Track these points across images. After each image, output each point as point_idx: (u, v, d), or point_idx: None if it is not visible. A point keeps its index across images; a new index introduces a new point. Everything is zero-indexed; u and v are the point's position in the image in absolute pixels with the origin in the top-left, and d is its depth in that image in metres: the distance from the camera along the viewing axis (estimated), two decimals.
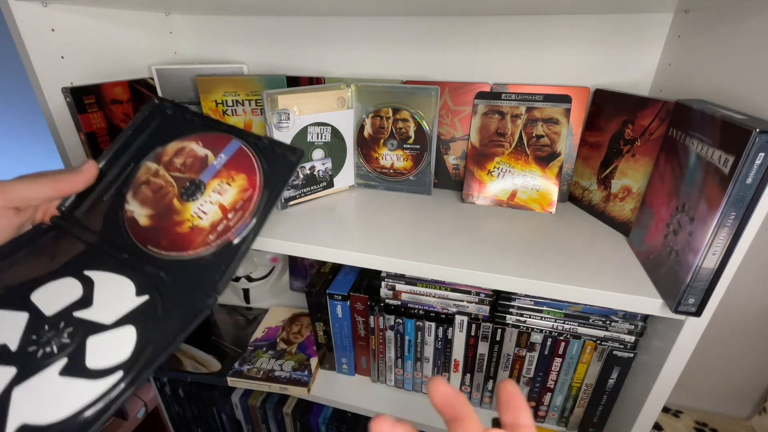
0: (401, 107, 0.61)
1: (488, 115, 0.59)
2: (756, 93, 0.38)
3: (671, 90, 0.55)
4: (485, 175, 0.61)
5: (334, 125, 0.61)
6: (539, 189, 0.59)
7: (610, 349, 0.55)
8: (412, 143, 0.63)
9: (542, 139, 0.57)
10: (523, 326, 0.58)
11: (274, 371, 0.73)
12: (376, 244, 0.50)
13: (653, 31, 0.58)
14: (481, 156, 0.61)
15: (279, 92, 0.55)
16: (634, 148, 0.51)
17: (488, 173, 0.60)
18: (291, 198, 0.61)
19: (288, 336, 0.82)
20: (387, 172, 0.66)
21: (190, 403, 0.83)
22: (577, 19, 0.61)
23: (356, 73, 0.75)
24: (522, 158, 0.59)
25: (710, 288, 0.37)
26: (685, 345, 0.43)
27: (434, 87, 0.59)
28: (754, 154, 0.31)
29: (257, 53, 0.79)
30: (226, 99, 0.66)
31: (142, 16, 0.69)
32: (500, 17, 0.64)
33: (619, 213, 0.54)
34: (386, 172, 0.66)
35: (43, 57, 0.53)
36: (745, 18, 0.42)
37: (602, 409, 0.60)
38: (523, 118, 0.57)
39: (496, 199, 0.61)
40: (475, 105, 0.60)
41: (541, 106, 0.57)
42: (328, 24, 0.73)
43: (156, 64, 0.66)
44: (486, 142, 0.60)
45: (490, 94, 0.60)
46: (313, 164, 0.61)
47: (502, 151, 0.60)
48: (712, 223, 0.34)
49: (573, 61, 0.63)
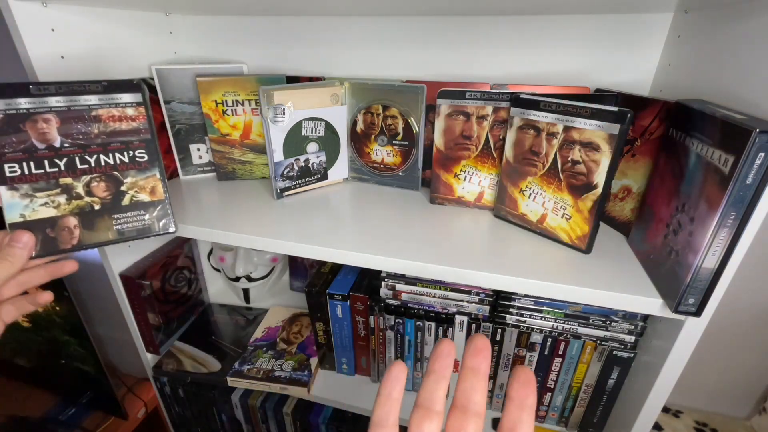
0: (390, 104, 0.62)
1: (452, 116, 0.56)
2: (756, 93, 0.38)
3: (671, 90, 0.55)
4: (452, 178, 0.60)
5: (328, 120, 0.64)
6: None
7: (610, 349, 0.55)
8: (400, 139, 0.64)
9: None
10: (523, 326, 0.58)
11: (274, 371, 0.73)
12: (372, 242, 0.50)
13: (653, 31, 0.58)
14: (447, 159, 0.59)
15: (275, 88, 0.57)
16: (634, 148, 0.51)
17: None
18: (286, 188, 0.63)
19: (288, 336, 0.82)
20: (378, 167, 0.68)
21: (190, 403, 0.83)
22: (577, 19, 0.61)
23: (356, 73, 0.75)
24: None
25: (710, 288, 0.37)
26: (685, 345, 0.43)
27: (421, 86, 0.60)
28: (754, 154, 0.31)
29: (257, 53, 0.79)
30: (226, 99, 0.66)
31: (142, 16, 0.69)
32: (500, 17, 0.64)
33: (619, 213, 0.54)
34: (377, 166, 0.68)
35: (43, 57, 0.53)
36: (745, 18, 0.42)
37: (602, 409, 0.60)
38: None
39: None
40: (438, 105, 0.56)
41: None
42: (327, 24, 0.73)
43: (156, 64, 0.66)
44: (451, 144, 0.58)
45: (453, 93, 0.55)
46: (307, 157, 0.64)
47: (468, 154, 0.57)
48: (712, 223, 0.34)
49: (573, 61, 0.63)
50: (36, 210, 0.40)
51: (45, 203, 0.41)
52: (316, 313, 0.69)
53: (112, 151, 0.43)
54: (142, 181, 0.45)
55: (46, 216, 0.41)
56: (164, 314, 0.78)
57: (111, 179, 0.44)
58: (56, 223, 0.41)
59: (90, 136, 0.42)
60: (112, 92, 0.43)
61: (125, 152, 0.44)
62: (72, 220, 0.42)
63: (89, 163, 0.42)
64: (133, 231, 0.45)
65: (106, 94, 0.43)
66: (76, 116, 0.42)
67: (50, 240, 0.41)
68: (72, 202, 0.42)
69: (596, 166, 0.45)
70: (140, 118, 0.45)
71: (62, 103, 0.41)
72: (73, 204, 0.42)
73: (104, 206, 0.43)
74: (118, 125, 0.43)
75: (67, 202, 0.42)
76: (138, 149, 0.45)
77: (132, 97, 0.44)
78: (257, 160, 0.72)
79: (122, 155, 0.44)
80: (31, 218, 0.40)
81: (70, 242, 0.42)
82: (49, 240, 0.41)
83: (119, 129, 0.44)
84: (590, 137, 0.45)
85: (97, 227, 0.43)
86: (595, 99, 0.53)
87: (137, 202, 0.45)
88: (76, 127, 0.42)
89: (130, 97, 0.44)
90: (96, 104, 0.42)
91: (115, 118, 0.43)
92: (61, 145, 0.41)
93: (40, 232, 0.41)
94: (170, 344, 0.82)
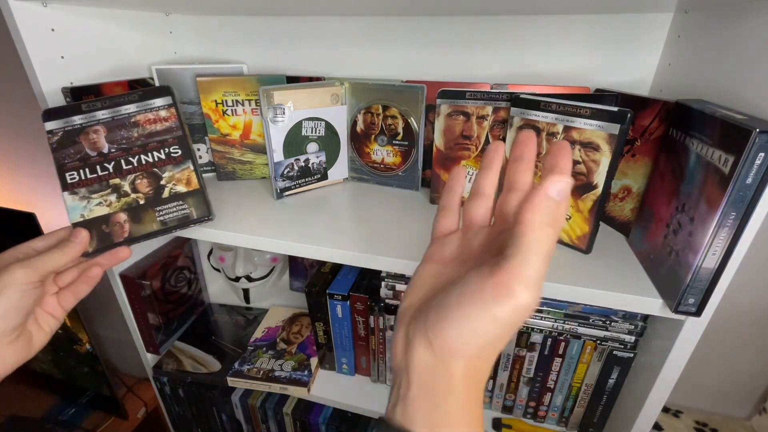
0: (390, 104, 0.62)
1: (452, 116, 0.56)
2: (756, 93, 0.38)
3: (671, 90, 0.55)
4: None
5: (328, 120, 0.64)
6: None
7: (610, 349, 0.55)
8: (400, 139, 0.64)
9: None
10: (522, 326, 0.58)
11: (274, 371, 0.73)
12: (372, 242, 0.50)
13: (653, 31, 0.58)
14: (447, 159, 0.59)
15: (274, 88, 0.57)
16: (634, 148, 0.51)
17: None
18: (286, 188, 0.63)
19: (288, 336, 0.82)
20: (378, 167, 0.68)
21: (190, 403, 0.83)
22: (577, 19, 0.61)
23: (356, 73, 0.75)
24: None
25: (710, 288, 0.37)
26: (685, 345, 0.43)
27: (421, 86, 0.60)
28: (754, 154, 0.31)
29: (257, 53, 0.79)
30: (226, 99, 0.66)
31: (142, 16, 0.69)
32: (500, 17, 0.64)
33: (619, 213, 0.54)
34: (377, 166, 0.68)
35: (43, 57, 0.53)
36: (745, 18, 0.42)
37: (602, 409, 0.60)
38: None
39: None
40: (438, 105, 0.55)
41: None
42: (328, 24, 0.73)
43: (156, 64, 0.66)
44: (451, 144, 0.58)
45: (453, 93, 0.55)
46: (307, 157, 0.64)
47: (468, 154, 0.57)
48: (712, 223, 0.34)
49: (573, 61, 0.63)
50: (92, 210, 0.46)
51: (99, 203, 0.46)
52: (316, 313, 0.69)
53: (150, 151, 0.48)
54: (178, 174, 0.49)
55: (100, 214, 0.46)
56: (164, 314, 0.78)
57: (152, 175, 0.48)
58: (109, 220, 0.46)
59: (131, 140, 0.48)
60: (146, 99, 0.49)
61: (162, 150, 0.49)
62: (122, 215, 0.47)
63: (132, 164, 0.48)
64: (175, 220, 0.49)
65: (142, 101, 0.48)
66: (119, 124, 0.47)
67: (105, 235, 0.46)
68: (121, 200, 0.47)
69: (596, 166, 0.45)
70: (172, 118, 0.49)
71: (107, 115, 0.47)
72: (122, 201, 0.47)
73: (148, 200, 0.48)
74: (153, 127, 0.49)
75: (117, 200, 0.47)
76: (172, 146, 0.49)
77: (163, 100, 0.49)
78: (257, 160, 0.72)
79: (159, 153, 0.49)
80: (89, 217, 0.45)
81: (122, 235, 0.47)
82: (104, 235, 0.46)
83: (155, 130, 0.49)
84: (590, 137, 0.45)
85: (143, 220, 0.47)
86: (595, 99, 0.53)
87: (176, 193, 0.49)
88: (119, 134, 0.47)
89: (161, 100, 0.49)
90: (134, 111, 0.48)
91: (150, 120, 0.48)
92: (108, 151, 0.47)
93: (97, 228, 0.45)
94: (170, 344, 0.81)
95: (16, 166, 1.16)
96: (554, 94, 0.50)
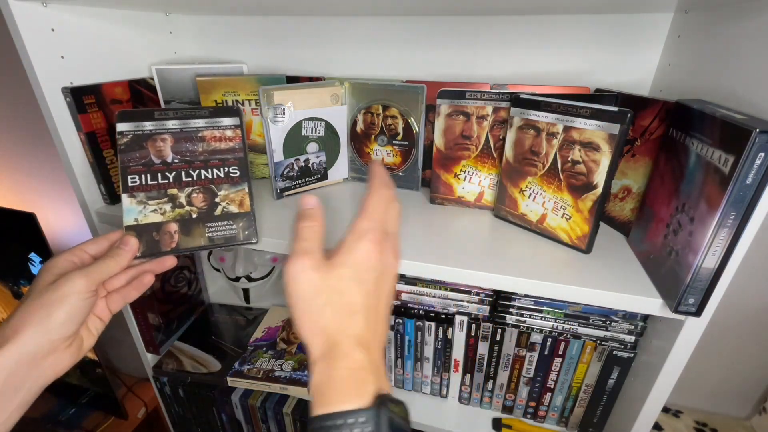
0: (390, 104, 0.62)
1: (452, 116, 0.56)
2: (756, 93, 0.38)
3: (671, 90, 0.55)
4: (452, 178, 0.60)
5: (328, 120, 0.64)
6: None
7: (610, 349, 0.55)
8: (401, 139, 0.64)
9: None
10: (523, 326, 0.58)
11: (274, 371, 0.73)
12: None
13: (653, 31, 0.58)
14: (447, 159, 0.59)
15: (274, 88, 0.57)
16: (634, 148, 0.51)
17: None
18: (286, 188, 0.63)
19: (288, 336, 0.82)
20: None
21: (190, 403, 0.83)
22: (577, 19, 0.61)
23: (356, 73, 0.75)
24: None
25: (710, 288, 0.37)
26: (685, 345, 0.43)
27: (421, 86, 0.60)
28: (754, 154, 0.31)
29: (257, 53, 0.79)
30: (226, 99, 0.66)
31: (142, 16, 0.69)
32: (500, 17, 0.64)
33: (619, 213, 0.54)
34: None
35: (43, 57, 0.53)
36: (744, 18, 0.42)
37: (602, 409, 0.60)
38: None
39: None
40: (438, 105, 0.56)
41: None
42: (327, 24, 0.73)
43: (156, 64, 0.66)
44: (451, 144, 0.58)
45: (453, 93, 0.55)
46: (307, 157, 0.64)
47: (468, 154, 0.57)
48: (712, 223, 0.34)
49: (573, 61, 0.63)
50: (147, 215, 0.46)
51: (154, 210, 0.46)
52: None
53: (211, 167, 0.49)
54: (233, 194, 0.49)
55: (153, 221, 0.46)
56: (164, 314, 0.78)
57: (208, 191, 0.48)
58: (161, 228, 0.46)
59: (195, 154, 0.48)
60: (216, 116, 0.49)
61: (222, 168, 0.49)
62: (173, 225, 0.47)
63: (192, 177, 0.48)
64: (222, 239, 0.49)
65: (211, 118, 0.49)
66: (187, 137, 0.48)
67: (154, 242, 0.46)
68: (175, 210, 0.47)
69: (596, 166, 0.45)
70: (236, 139, 0.49)
71: (177, 126, 0.47)
72: (176, 212, 0.47)
73: (200, 215, 0.48)
74: (218, 144, 0.49)
75: (171, 210, 0.47)
76: (232, 166, 0.49)
77: (232, 120, 0.49)
78: (257, 160, 0.72)
79: (219, 171, 0.49)
80: (142, 222, 0.46)
81: (170, 245, 0.47)
82: (153, 242, 0.46)
83: (219, 148, 0.49)
84: (590, 137, 0.45)
85: (192, 233, 0.47)
86: (595, 99, 0.53)
87: (227, 212, 0.49)
88: (185, 146, 0.48)
89: (230, 120, 0.49)
90: (203, 126, 0.48)
91: (216, 138, 0.49)
92: (172, 161, 0.47)
93: (147, 234, 0.46)
94: (170, 344, 0.82)
95: (16, 166, 1.16)
96: (554, 94, 0.51)
